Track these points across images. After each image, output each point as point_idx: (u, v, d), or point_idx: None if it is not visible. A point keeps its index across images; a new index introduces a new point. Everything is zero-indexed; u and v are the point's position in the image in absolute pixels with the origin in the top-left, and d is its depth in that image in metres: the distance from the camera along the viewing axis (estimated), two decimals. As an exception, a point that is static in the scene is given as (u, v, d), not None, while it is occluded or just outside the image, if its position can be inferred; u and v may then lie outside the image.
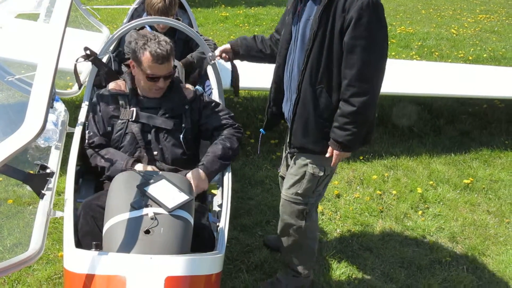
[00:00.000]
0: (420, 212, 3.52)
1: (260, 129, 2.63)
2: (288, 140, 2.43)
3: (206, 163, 2.37)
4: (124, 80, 2.53)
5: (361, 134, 2.25)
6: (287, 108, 2.42)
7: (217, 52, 2.65)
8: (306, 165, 2.39)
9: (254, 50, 2.58)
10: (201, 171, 2.33)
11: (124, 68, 2.63)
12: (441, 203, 3.65)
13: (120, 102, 2.46)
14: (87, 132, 2.47)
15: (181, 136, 2.45)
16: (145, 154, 2.40)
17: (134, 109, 2.43)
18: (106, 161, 2.36)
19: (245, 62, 2.71)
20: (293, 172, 2.47)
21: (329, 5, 2.09)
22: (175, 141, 2.44)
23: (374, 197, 3.65)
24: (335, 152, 2.25)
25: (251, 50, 2.58)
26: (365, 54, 2.07)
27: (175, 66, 2.54)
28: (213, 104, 2.61)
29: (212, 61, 2.80)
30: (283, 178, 2.64)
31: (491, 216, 3.54)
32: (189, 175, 2.31)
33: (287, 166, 2.59)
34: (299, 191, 2.44)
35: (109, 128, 2.45)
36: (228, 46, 2.63)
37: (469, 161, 4.26)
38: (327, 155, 2.29)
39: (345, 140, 2.19)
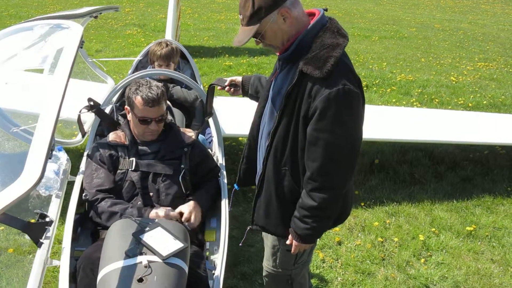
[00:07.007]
0: (422, 260, 3.47)
1: (234, 184, 2.40)
2: (251, 215, 2.23)
3: (197, 196, 2.50)
4: (122, 131, 2.60)
5: (323, 228, 2.08)
6: (257, 172, 2.21)
7: (227, 82, 2.49)
8: (278, 239, 2.21)
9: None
10: (192, 201, 2.45)
11: (120, 119, 2.71)
12: (444, 250, 3.60)
13: (120, 153, 2.51)
14: (92, 179, 2.44)
15: (180, 177, 2.49)
16: (139, 202, 2.42)
17: (134, 158, 2.48)
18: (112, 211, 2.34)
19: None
20: (268, 244, 2.28)
21: (297, 85, 1.87)
22: (172, 183, 2.48)
23: (376, 244, 3.62)
24: (294, 242, 2.05)
25: (260, 93, 2.37)
26: (329, 149, 1.83)
27: (168, 111, 2.59)
28: (206, 155, 2.73)
29: (219, 88, 2.56)
30: None
31: (496, 265, 3.48)
32: (183, 207, 2.41)
33: None
34: (277, 264, 2.26)
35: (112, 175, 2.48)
36: (239, 79, 2.47)
37: (472, 208, 4.23)
38: (287, 242, 2.10)
39: (303, 233, 1.99)
